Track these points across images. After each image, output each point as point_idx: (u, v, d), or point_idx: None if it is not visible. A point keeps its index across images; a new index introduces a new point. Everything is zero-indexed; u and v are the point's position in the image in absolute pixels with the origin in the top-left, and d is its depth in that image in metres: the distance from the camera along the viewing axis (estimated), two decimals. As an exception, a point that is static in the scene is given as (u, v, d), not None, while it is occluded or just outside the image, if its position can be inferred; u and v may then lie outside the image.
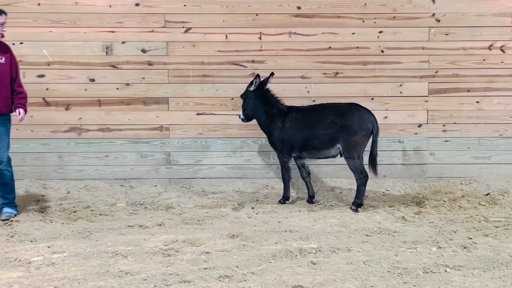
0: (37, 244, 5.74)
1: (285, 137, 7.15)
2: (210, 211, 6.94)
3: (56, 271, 5.01)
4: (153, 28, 7.90)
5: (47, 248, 5.59)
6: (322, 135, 6.98)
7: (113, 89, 7.96)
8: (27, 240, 5.87)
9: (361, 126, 6.93)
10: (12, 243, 5.80)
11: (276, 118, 7.22)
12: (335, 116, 6.98)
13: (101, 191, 7.75)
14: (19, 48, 7.79)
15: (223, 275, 4.92)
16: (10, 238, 5.94)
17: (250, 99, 7.29)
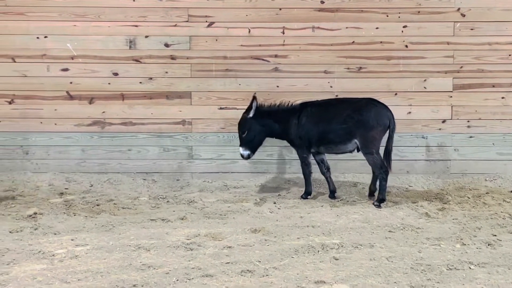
0: (61, 236, 5.79)
1: (302, 132, 7.10)
2: (232, 206, 6.93)
3: (79, 264, 5.05)
4: (176, 22, 7.90)
5: (71, 241, 5.63)
6: (338, 129, 6.96)
7: (136, 83, 7.98)
8: (51, 233, 5.92)
9: (378, 121, 6.90)
10: (36, 235, 5.84)
11: (290, 118, 7.15)
12: (351, 111, 6.95)
13: (123, 184, 7.79)
14: (43, 41, 7.85)
15: (245, 269, 4.92)
16: (34, 230, 5.99)
17: (253, 125, 7.14)
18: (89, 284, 4.62)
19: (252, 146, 7.18)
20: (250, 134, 7.14)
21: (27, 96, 7.92)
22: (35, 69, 7.89)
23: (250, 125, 7.13)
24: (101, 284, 4.59)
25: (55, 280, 4.70)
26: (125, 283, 4.61)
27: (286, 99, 7.27)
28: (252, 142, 7.18)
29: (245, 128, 7.13)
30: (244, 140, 7.16)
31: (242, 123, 7.18)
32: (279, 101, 7.24)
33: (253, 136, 7.16)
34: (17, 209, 6.74)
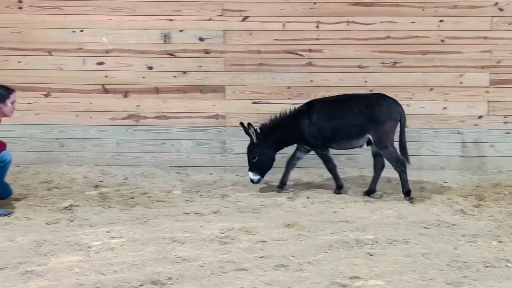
0: (96, 229, 5.85)
1: (315, 130, 7.06)
2: (265, 200, 6.94)
3: (115, 256, 5.10)
4: (211, 16, 7.91)
5: (106, 233, 5.69)
6: (351, 125, 6.95)
7: (170, 77, 8.02)
8: (87, 225, 5.99)
9: (390, 116, 6.92)
10: (72, 227, 5.92)
11: (300, 119, 7.09)
12: (363, 107, 6.95)
13: (157, 178, 7.83)
14: (79, 35, 7.93)
15: (279, 264, 4.92)
16: (70, 222, 6.07)
17: (263, 149, 7.08)
18: (124, 276, 4.67)
19: (262, 170, 7.15)
20: (260, 159, 7.10)
21: (63, 89, 8.01)
22: (71, 62, 7.98)
23: (260, 150, 7.09)
24: (136, 276, 4.63)
25: (91, 271, 4.75)
26: (160, 276, 4.64)
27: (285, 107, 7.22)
28: (262, 167, 7.14)
29: (255, 154, 7.09)
30: (253, 165, 7.13)
31: (252, 148, 7.12)
32: (279, 112, 7.17)
33: (263, 160, 7.12)
34: (53, 201, 6.83)
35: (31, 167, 7.91)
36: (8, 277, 4.62)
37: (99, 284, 4.48)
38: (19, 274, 4.68)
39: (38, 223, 6.05)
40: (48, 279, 4.61)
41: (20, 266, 4.84)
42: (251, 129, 7.06)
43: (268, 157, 7.14)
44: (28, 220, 6.13)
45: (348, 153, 7.83)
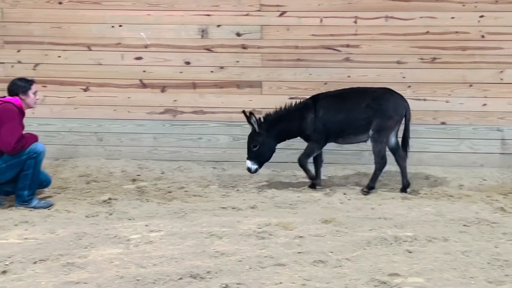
0: (135, 222, 5.90)
1: (320, 125, 7.03)
2: (302, 196, 6.93)
3: (154, 249, 5.14)
4: (248, 11, 7.91)
5: (145, 226, 5.73)
6: (359, 119, 6.95)
7: (208, 72, 8.05)
8: (125, 218, 6.05)
9: (396, 111, 6.94)
10: (111, 220, 5.99)
11: (305, 113, 7.06)
12: (370, 101, 6.95)
13: (194, 172, 7.87)
14: (118, 30, 8.00)
15: (317, 260, 4.91)
16: (109, 215, 6.14)
17: (265, 139, 7.04)
18: (164, 269, 4.69)
19: (261, 160, 7.11)
20: (261, 148, 7.06)
21: (101, 84, 8.09)
22: (110, 57, 8.05)
23: (262, 139, 7.04)
24: (176, 270, 4.65)
25: (131, 264, 4.79)
26: (199, 270, 4.66)
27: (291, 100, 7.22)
28: (262, 156, 7.10)
29: (257, 142, 7.04)
30: (253, 154, 7.07)
31: (254, 136, 7.06)
32: (284, 104, 7.16)
33: (264, 150, 7.08)
34: (92, 194, 6.92)
35: (69, 161, 8.00)
36: (50, 269, 4.69)
37: (139, 277, 4.51)
38: (60, 266, 4.74)
39: (78, 215, 6.13)
40: (89, 271, 4.66)
41: (61, 258, 4.91)
42: (253, 118, 7.01)
43: (269, 147, 7.10)
44: (68, 213, 6.22)
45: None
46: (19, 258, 4.90)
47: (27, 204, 6.38)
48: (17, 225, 5.82)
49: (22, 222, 5.88)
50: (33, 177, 6.39)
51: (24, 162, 6.35)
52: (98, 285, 4.39)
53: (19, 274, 4.61)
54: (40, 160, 6.44)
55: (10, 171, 6.37)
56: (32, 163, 6.36)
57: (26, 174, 6.37)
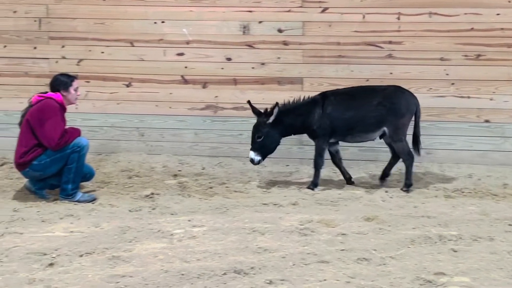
0: (178, 217, 5.94)
1: (327, 122, 6.96)
2: (343, 193, 6.90)
3: (197, 244, 5.16)
4: (290, 8, 7.90)
5: (188, 221, 5.76)
6: (370, 117, 6.90)
7: (249, 68, 8.05)
8: (168, 213, 6.09)
9: (408, 108, 6.92)
10: (154, 215, 6.03)
11: (313, 109, 7.00)
12: (381, 99, 6.90)
13: (234, 168, 7.89)
14: (160, 26, 8.05)
15: (361, 257, 4.88)
16: (152, 210, 6.19)
17: (271, 131, 6.97)
18: (208, 264, 4.72)
19: (265, 152, 7.04)
20: (266, 140, 6.99)
21: (143, 79, 8.16)
22: (152, 53, 8.11)
23: (268, 131, 6.97)
24: (219, 265, 4.67)
25: (175, 259, 4.82)
26: (243, 265, 4.67)
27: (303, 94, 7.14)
28: (266, 148, 7.03)
29: (262, 133, 6.96)
30: (257, 145, 6.99)
31: (259, 127, 6.98)
32: (293, 98, 7.11)
33: (269, 142, 7.01)
34: (135, 189, 6.98)
35: (112, 156, 8.09)
36: (96, 262, 4.75)
37: (184, 271, 4.54)
38: (106, 259, 4.79)
39: (122, 210, 6.19)
40: (134, 265, 4.71)
41: (106, 251, 4.96)
42: (276, 109, 6.92)
43: (273, 139, 7.04)
44: (111, 207, 6.29)
45: (427, 147, 7.70)
46: (65, 251, 4.97)
47: (71, 198, 6.47)
48: (62, 218, 5.91)
49: (67, 216, 5.96)
50: (77, 171, 6.47)
51: (68, 156, 6.43)
52: (143, 279, 4.43)
53: (66, 266, 4.68)
54: (84, 154, 6.52)
55: (54, 165, 6.46)
56: (76, 157, 6.44)
57: (70, 167, 6.45)
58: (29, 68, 8.23)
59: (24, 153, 6.40)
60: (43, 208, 6.25)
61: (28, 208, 6.26)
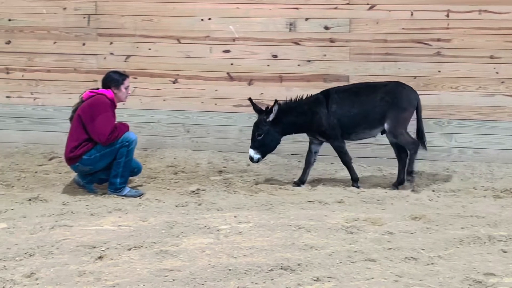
0: (224, 213, 5.96)
1: (334, 120, 6.90)
2: (389, 191, 6.83)
3: (243, 240, 5.18)
4: (337, 5, 7.86)
5: (234, 217, 5.78)
6: (374, 113, 6.87)
7: (295, 65, 8.04)
8: (214, 209, 6.12)
9: (410, 103, 6.92)
10: (201, 210, 6.07)
11: (317, 108, 6.93)
12: (384, 94, 6.87)
13: (279, 165, 7.90)
14: (207, 23, 8.10)
15: (409, 256, 4.84)
16: (198, 206, 6.23)
17: (271, 129, 6.89)
18: (254, 260, 4.73)
19: (264, 150, 6.97)
20: (266, 138, 6.92)
21: (190, 76, 8.21)
22: (199, 50, 8.16)
23: (268, 129, 6.90)
24: (266, 261, 4.68)
25: (222, 254, 4.85)
26: (290, 262, 4.67)
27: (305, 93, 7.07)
28: (266, 146, 6.95)
29: (262, 131, 6.89)
30: (257, 142, 6.92)
31: (260, 125, 6.91)
32: (296, 96, 7.03)
33: (269, 140, 6.94)
34: (181, 185, 7.04)
35: (158, 151, 8.17)
36: (145, 256, 4.80)
37: (231, 266, 4.56)
38: (154, 253, 4.84)
39: (168, 205, 6.25)
40: (181, 259, 4.75)
41: (154, 245, 5.01)
42: (276, 107, 6.84)
43: (273, 138, 6.96)
44: (158, 202, 6.35)
45: (475, 146, 7.60)
46: (114, 244, 5.04)
47: (119, 192, 6.55)
48: (111, 212, 5.99)
49: (115, 210, 6.04)
50: (125, 165, 6.56)
51: (117, 151, 6.52)
52: (191, 273, 4.46)
53: (115, 259, 4.75)
54: (132, 149, 6.60)
55: (104, 160, 6.55)
56: (124, 151, 6.53)
57: (119, 162, 6.54)
58: (78, 64, 8.37)
59: (74, 148, 6.51)
60: (92, 202, 6.35)
61: (77, 201, 6.37)
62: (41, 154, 8.15)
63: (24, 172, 7.47)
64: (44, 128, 8.45)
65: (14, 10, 8.38)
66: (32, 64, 8.42)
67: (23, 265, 4.64)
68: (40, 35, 8.37)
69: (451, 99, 7.71)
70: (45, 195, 6.55)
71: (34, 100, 8.48)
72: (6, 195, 6.57)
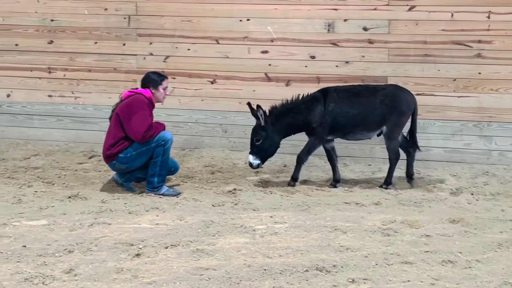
0: (260, 213, 5.99)
1: (329, 119, 6.89)
2: (427, 194, 6.79)
3: (279, 241, 5.20)
4: (376, 6, 7.81)
5: (269, 217, 5.81)
6: (374, 115, 6.88)
7: (333, 66, 8.02)
8: (250, 209, 6.15)
9: (408, 107, 6.98)
10: (237, 210, 6.10)
11: (314, 106, 6.92)
12: (383, 97, 6.88)
13: (316, 166, 7.88)
14: (245, 24, 8.12)
15: (446, 260, 4.81)
16: (234, 205, 6.26)
17: (270, 133, 6.86)
18: (290, 260, 4.74)
19: (264, 155, 6.95)
20: (265, 143, 6.89)
21: (228, 76, 8.25)
22: (237, 50, 8.18)
23: (266, 133, 6.87)
24: (302, 262, 4.69)
25: (258, 254, 4.87)
26: (325, 263, 4.67)
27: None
28: (265, 152, 6.94)
29: (260, 136, 6.86)
30: (256, 148, 6.89)
31: (258, 130, 6.88)
32: (291, 96, 7.03)
33: (267, 145, 6.91)
34: (217, 185, 7.09)
35: (195, 151, 8.23)
36: (181, 254, 4.85)
37: (266, 266, 4.59)
38: (190, 252, 4.89)
39: (205, 204, 6.29)
40: (217, 258, 4.79)
41: (191, 244, 5.06)
42: (260, 111, 6.84)
43: (273, 142, 6.95)
44: (195, 201, 6.40)
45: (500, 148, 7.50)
46: (151, 242, 5.10)
47: (157, 191, 6.62)
48: (148, 211, 6.05)
49: (153, 208, 6.11)
50: (162, 164, 6.62)
51: (153, 150, 6.59)
52: (227, 272, 4.50)
53: (152, 257, 4.81)
54: (169, 148, 6.66)
55: (140, 158, 6.63)
56: (161, 151, 6.59)
57: (156, 161, 6.60)
58: (118, 64, 8.47)
59: (111, 146, 6.60)
60: (130, 200, 6.43)
61: (116, 200, 6.45)
62: (81, 153, 8.28)
63: (65, 170, 7.60)
64: (84, 127, 8.58)
65: (56, 11, 8.52)
66: (73, 64, 8.56)
67: (63, 261, 4.73)
68: (81, 35, 8.50)
69: (491, 102, 7.61)
70: (85, 192, 6.65)
71: (75, 99, 8.61)
72: (47, 192, 6.69)
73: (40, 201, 6.33)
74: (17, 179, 7.12)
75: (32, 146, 8.52)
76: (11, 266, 4.62)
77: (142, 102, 6.62)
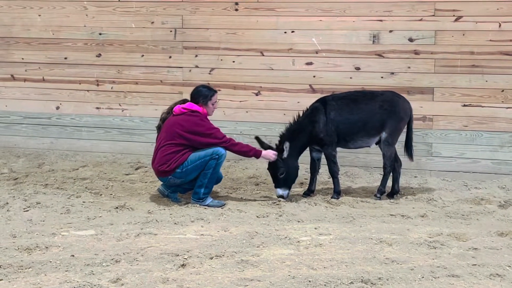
0: (304, 224, 5.98)
1: (333, 127, 6.85)
2: (474, 207, 6.68)
3: (324, 252, 5.18)
4: (422, 16, 7.76)
5: (314, 229, 5.80)
6: (373, 121, 6.86)
7: (378, 77, 7.99)
8: (295, 220, 6.14)
9: (406, 113, 7.02)
10: (281, 222, 6.10)
11: (316, 117, 6.89)
12: (382, 102, 6.86)
13: (360, 178, 7.85)
14: (290, 36, 8.16)
15: (494, 273, 4.72)
16: (279, 217, 6.26)
17: (287, 162, 6.82)
18: (334, 272, 4.72)
19: (290, 184, 6.95)
20: (288, 174, 6.87)
21: (272, 88, 8.29)
22: (281, 62, 8.23)
23: (286, 164, 6.82)
24: (346, 274, 4.66)
25: (302, 265, 4.86)
26: (370, 275, 4.63)
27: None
28: (291, 181, 6.94)
29: (283, 170, 6.82)
30: (281, 181, 6.86)
31: (278, 165, 6.81)
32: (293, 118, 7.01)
33: (290, 174, 6.89)
34: (262, 195, 7.10)
35: (240, 162, 8.27)
36: (226, 265, 4.87)
37: (311, 278, 4.57)
38: (235, 263, 4.90)
39: (249, 215, 6.31)
40: (262, 269, 4.79)
41: (235, 255, 5.08)
42: (286, 144, 6.79)
43: (294, 168, 6.93)
44: (240, 212, 6.42)
45: None
46: (196, 253, 5.13)
47: (202, 202, 6.67)
48: (193, 221, 6.09)
49: (198, 219, 6.15)
50: (211, 177, 6.66)
51: (206, 163, 6.64)
52: (271, 283, 4.50)
53: (197, 268, 4.84)
54: (221, 163, 6.70)
55: (194, 172, 6.67)
56: (213, 164, 6.63)
57: (206, 173, 6.65)
58: (164, 77, 8.59)
59: (167, 161, 6.63)
60: (175, 211, 6.49)
61: (162, 210, 6.52)
62: (128, 164, 8.40)
63: (112, 181, 7.71)
64: (131, 138, 8.72)
65: (104, 24, 8.70)
66: (120, 77, 8.71)
67: (110, 270, 4.79)
68: (128, 48, 8.66)
69: (540, 113, 7.49)
70: (131, 203, 6.74)
71: (122, 111, 8.76)
72: (95, 203, 6.80)
73: (88, 212, 6.44)
74: (66, 190, 7.25)
75: (80, 157, 8.70)
76: (59, 275, 4.70)
77: (203, 118, 6.71)
